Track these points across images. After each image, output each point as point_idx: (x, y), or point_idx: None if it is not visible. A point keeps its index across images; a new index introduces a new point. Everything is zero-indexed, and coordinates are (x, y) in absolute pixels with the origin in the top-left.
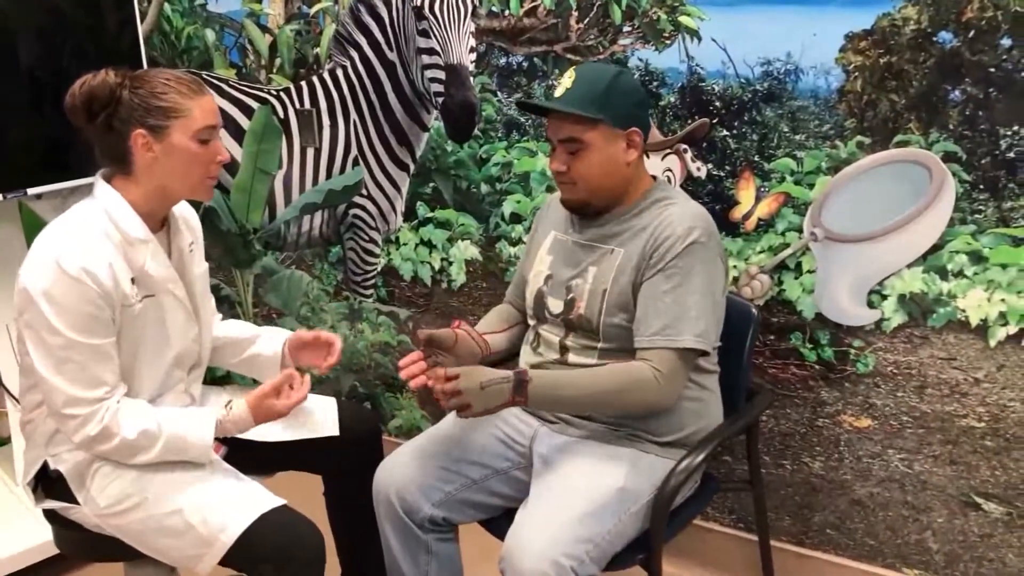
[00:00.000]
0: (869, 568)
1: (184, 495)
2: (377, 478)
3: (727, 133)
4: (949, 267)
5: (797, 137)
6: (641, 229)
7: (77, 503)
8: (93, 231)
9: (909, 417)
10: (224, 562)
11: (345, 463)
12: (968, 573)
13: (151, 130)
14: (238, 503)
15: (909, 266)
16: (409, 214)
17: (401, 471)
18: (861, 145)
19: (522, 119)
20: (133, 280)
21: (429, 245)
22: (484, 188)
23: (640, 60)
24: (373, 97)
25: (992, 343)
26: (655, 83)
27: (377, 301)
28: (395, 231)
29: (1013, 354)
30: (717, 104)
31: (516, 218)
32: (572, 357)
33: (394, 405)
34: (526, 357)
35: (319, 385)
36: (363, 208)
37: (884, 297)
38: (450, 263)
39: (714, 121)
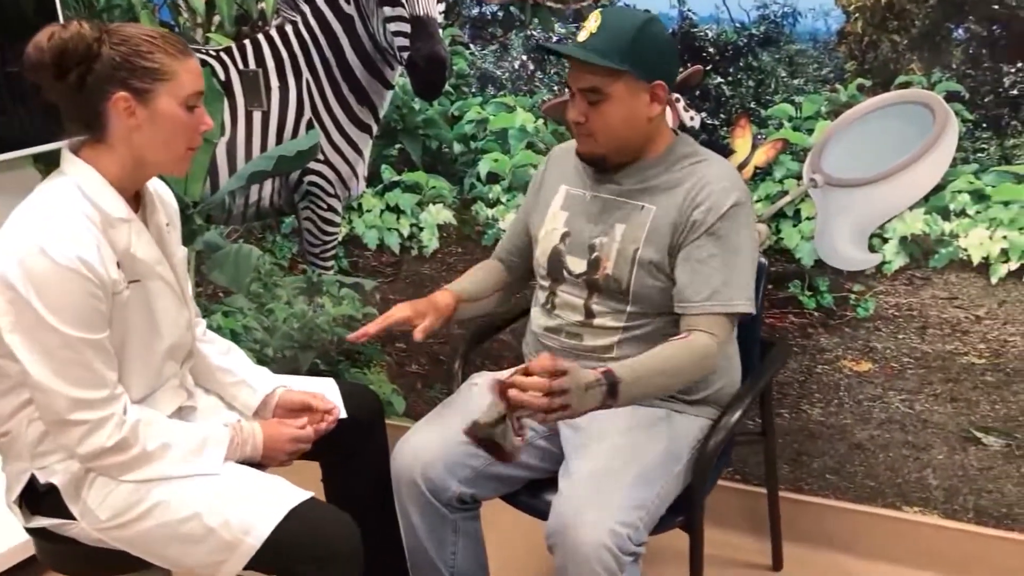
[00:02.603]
0: (869, 509)
1: (199, 497)
2: (397, 459)
3: (721, 80)
4: (951, 207)
5: (795, 82)
6: (674, 186)
7: (73, 518)
8: (73, 212)
9: (910, 358)
10: (250, 565)
11: (347, 447)
12: (967, 506)
13: (135, 93)
14: (261, 500)
15: (911, 208)
16: (373, 179)
17: (424, 450)
18: (862, 88)
19: (498, 72)
20: (119, 264)
21: (396, 211)
22: (457, 147)
23: (627, 5)
24: (328, 54)
25: (994, 280)
26: None
27: (339, 273)
28: (357, 197)
29: (1014, 289)
30: (711, 50)
31: (493, 178)
32: (599, 321)
33: (362, 381)
34: (540, 320)
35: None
36: (320, 174)
37: (885, 240)
38: (420, 229)
39: (707, 68)
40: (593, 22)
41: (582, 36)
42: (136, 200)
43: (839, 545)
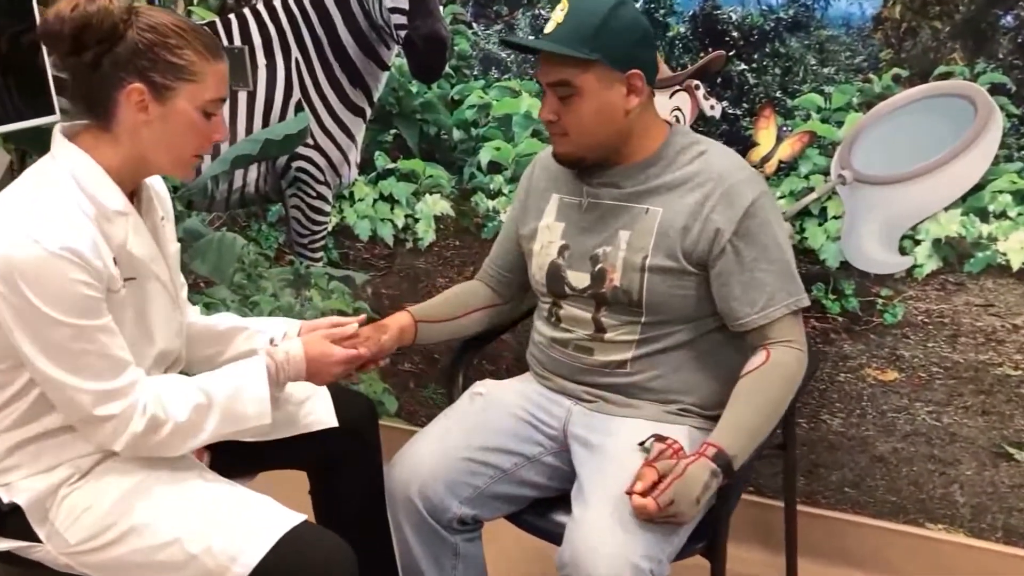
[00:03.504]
0: (890, 525)
1: (180, 520)
2: (393, 475)
3: (745, 67)
4: (991, 208)
5: (825, 70)
6: (680, 184)
7: (39, 540)
8: (66, 202)
9: (939, 368)
10: None
11: (337, 456)
12: (996, 524)
13: (153, 87)
14: (250, 524)
15: (946, 208)
16: (366, 166)
17: (422, 466)
18: (898, 78)
19: (503, 54)
20: (115, 260)
21: (391, 200)
22: (457, 134)
23: None
24: (320, 31)
25: None
26: (662, 11)
27: (328, 265)
28: (348, 185)
29: None
30: (734, 35)
31: (495, 167)
32: (610, 335)
33: (352, 378)
34: (547, 331)
35: None
36: (309, 160)
37: (917, 242)
38: (416, 220)
39: (730, 54)
40: (560, 11)
41: (549, 27)
42: (132, 193)
43: (856, 562)
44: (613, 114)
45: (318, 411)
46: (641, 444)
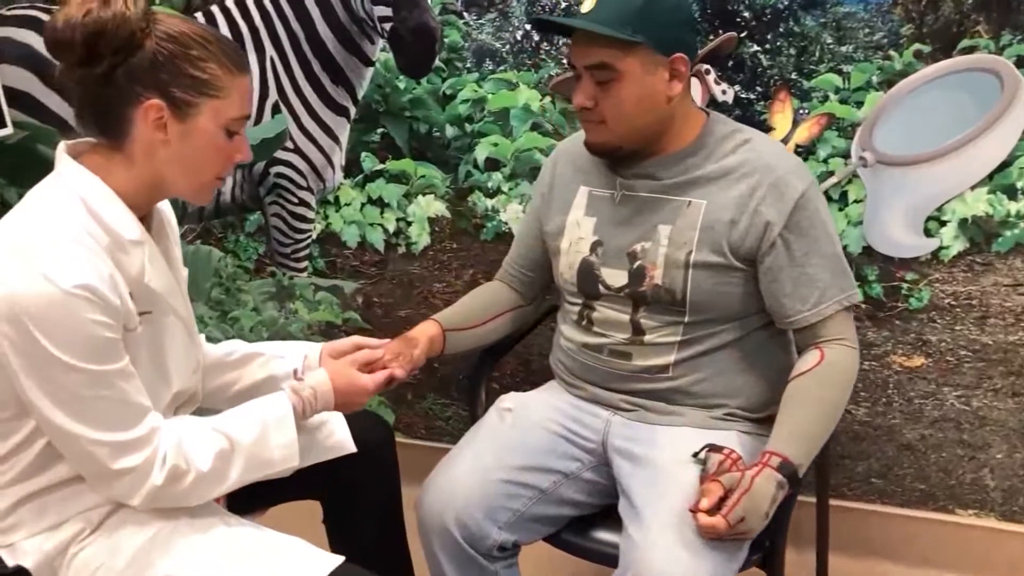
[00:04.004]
0: (919, 514)
1: (207, 573)
2: (425, 504)
3: (758, 48)
4: (1019, 185)
5: (843, 49)
6: (723, 175)
7: None
8: (77, 231)
9: (968, 351)
10: None
11: (354, 481)
12: None
13: (173, 103)
14: (285, 572)
15: (973, 187)
16: (351, 168)
17: (457, 492)
18: (920, 54)
19: (497, 44)
20: (131, 295)
21: (380, 204)
22: (450, 131)
23: None
24: (296, 26)
25: None
26: None
27: (314, 275)
28: (333, 190)
29: None
30: (746, 15)
31: (492, 164)
32: (650, 337)
33: None
34: (575, 335)
35: None
36: (289, 164)
37: (943, 223)
38: (408, 223)
39: (742, 35)
40: None
41: (586, 6)
42: (144, 218)
43: (885, 553)
44: (655, 101)
45: (336, 436)
46: (695, 455)
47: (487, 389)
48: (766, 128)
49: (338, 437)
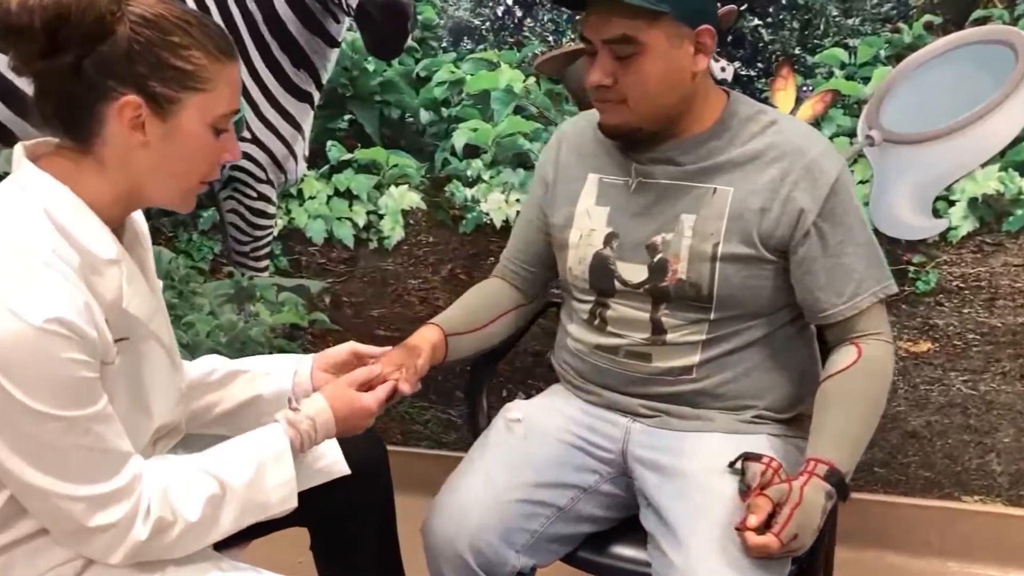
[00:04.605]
0: (923, 502)
1: None
2: (435, 529)
3: (759, 22)
4: None
5: (849, 22)
6: (750, 159)
7: None
8: (44, 252)
9: (976, 334)
10: None
11: (346, 505)
12: None
13: (152, 100)
14: None
15: (983, 165)
16: (316, 158)
17: (469, 516)
18: (930, 26)
19: (476, 21)
20: (107, 321)
21: (348, 196)
22: (425, 116)
23: None
24: (252, 6)
25: None
26: None
27: (276, 274)
28: (296, 182)
29: None
30: None
31: (472, 151)
32: (672, 336)
33: None
34: (586, 336)
35: None
36: (247, 156)
37: (952, 203)
38: (380, 216)
39: (742, 8)
40: None
41: None
42: (117, 229)
43: (889, 543)
44: (680, 77)
45: (327, 457)
46: (731, 465)
47: (489, 400)
48: (769, 105)
49: (329, 459)
